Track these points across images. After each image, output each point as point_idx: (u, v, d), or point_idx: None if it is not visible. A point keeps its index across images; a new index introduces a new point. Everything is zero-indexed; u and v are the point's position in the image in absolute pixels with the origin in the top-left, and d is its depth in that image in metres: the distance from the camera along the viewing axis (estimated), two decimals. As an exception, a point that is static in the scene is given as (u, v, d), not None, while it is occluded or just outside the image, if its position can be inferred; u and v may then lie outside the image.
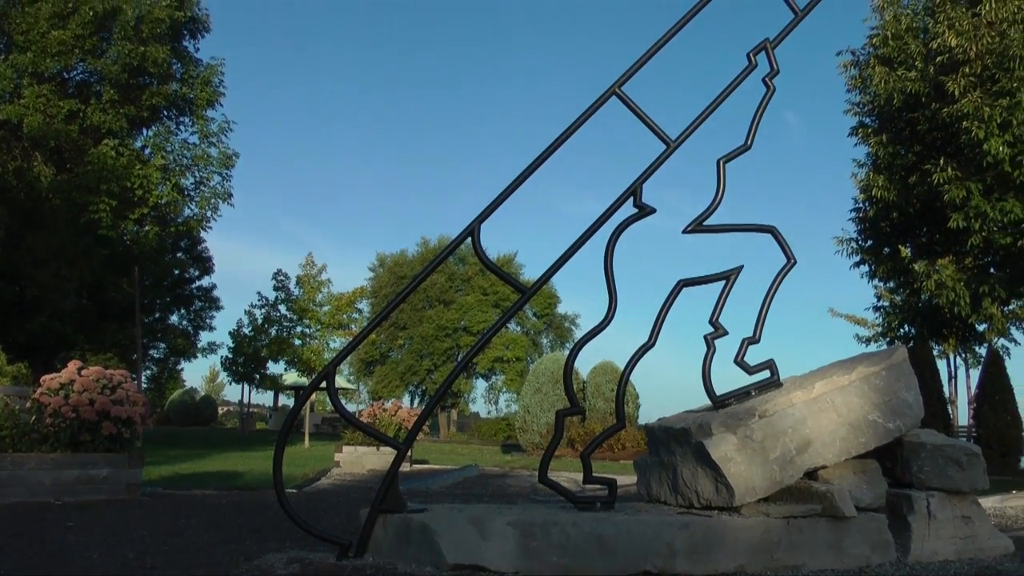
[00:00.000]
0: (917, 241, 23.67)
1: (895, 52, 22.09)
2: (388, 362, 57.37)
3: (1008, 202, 19.24)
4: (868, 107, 23.44)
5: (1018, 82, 18.87)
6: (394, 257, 59.56)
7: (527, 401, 30.35)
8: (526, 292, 5.19)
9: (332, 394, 5.18)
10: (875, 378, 5.79)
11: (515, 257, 58.20)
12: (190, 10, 28.80)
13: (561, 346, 57.38)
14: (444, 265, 50.84)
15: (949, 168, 19.87)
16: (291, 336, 31.71)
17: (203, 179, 29.75)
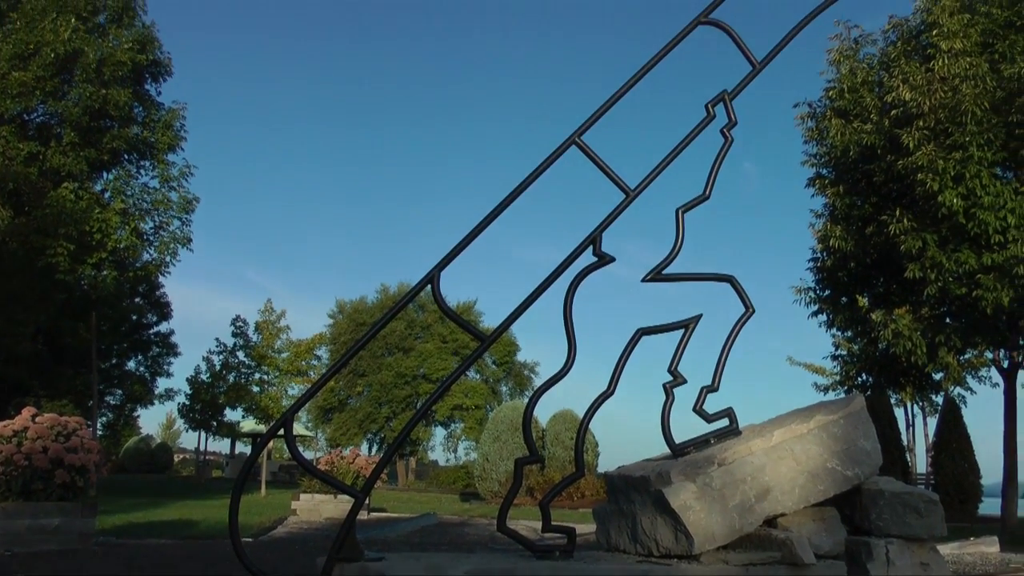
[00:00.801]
0: (874, 291, 23.92)
1: (851, 105, 22.46)
2: (347, 409, 57.00)
3: (963, 253, 19.52)
4: (825, 158, 23.75)
5: (970, 136, 19.23)
6: (353, 304, 59.43)
7: (486, 449, 30.26)
8: (485, 340, 5.18)
9: (290, 441, 5.13)
10: (833, 426, 5.82)
11: (475, 305, 58.31)
12: (152, 53, 28.80)
13: (520, 394, 57.34)
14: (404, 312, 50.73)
15: (905, 219, 20.14)
16: (249, 383, 31.49)
17: (163, 223, 29.62)
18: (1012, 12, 20.94)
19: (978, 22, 20.78)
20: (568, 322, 5.01)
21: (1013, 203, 19.19)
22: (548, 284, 4.96)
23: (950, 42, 20.04)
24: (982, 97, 19.39)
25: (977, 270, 19.34)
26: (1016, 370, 23.21)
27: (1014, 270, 18.67)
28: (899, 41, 22.62)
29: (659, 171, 5.18)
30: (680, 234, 5.28)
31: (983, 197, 19.21)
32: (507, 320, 5.16)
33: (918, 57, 21.48)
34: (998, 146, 19.68)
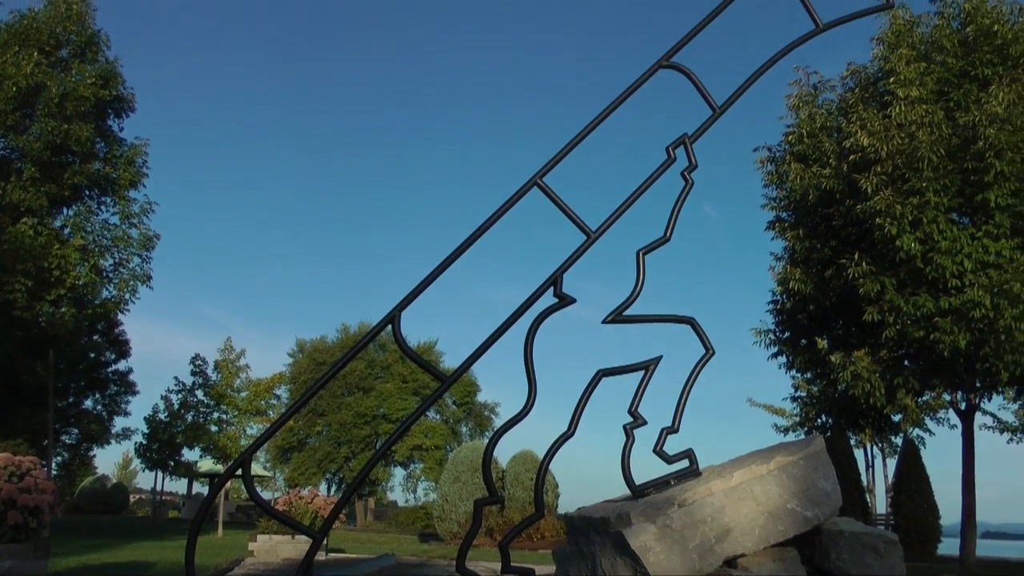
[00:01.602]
0: (833, 333, 24.12)
1: (810, 149, 22.76)
2: (305, 449, 56.51)
3: (921, 297, 19.76)
4: (785, 202, 24.02)
5: (927, 182, 19.54)
6: (314, 343, 59.14)
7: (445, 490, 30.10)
8: (445, 381, 5.17)
9: (247, 481, 5.08)
10: (793, 467, 5.84)
11: (435, 345, 58.21)
12: (115, 89, 28.66)
13: (480, 434, 57.19)
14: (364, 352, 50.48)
15: (864, 263, 20.38)
16: (207, 422, 31.13)
17: (123, 260, 29.36)
18: (966, 62, 21.41)
19: (934, 71, 21.21)
20: (528, 363, 5.01)
21: (970, 248, 19.48)
22: (509, 325, 4.97)
23: (907, 90, 20.41)
24: (938, 144, 19.73)
25: (935, 313, 19.57)
26: (973, 412, 23.45)
27: (971, 314, 18.91)
28: (857, 88, 23.02)
29: (620, 213, 5.22)
30: (641, 276, 5.31)
31: (940, 242, 19.49)
32: (467, 361, 5.15)
33: (876, 104, 21.85)
34: (954, 192, 20.01)
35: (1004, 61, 21.05)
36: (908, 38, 22.11)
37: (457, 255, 4.99)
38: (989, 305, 18.74)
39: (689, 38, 5.60)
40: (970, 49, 21.64)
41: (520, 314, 5.00)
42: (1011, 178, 19.41)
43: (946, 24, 22.36)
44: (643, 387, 5.55)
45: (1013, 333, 18.64)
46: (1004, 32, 21.13)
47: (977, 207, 20.23)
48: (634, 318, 5.38)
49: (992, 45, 21.26)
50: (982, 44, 21.39)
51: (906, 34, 22.21)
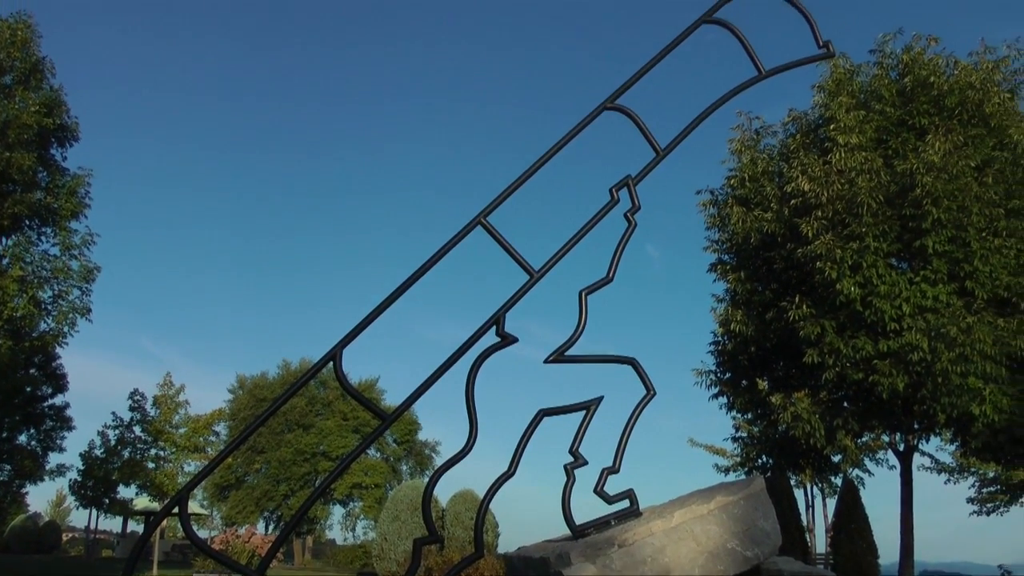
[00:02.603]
0: (774, 374, 24.30)
1: (752, 193, 23.05)
2: (244, 487, 55.77)
3: (860, 340, 20.02)
4: (727, 244, 24.26)
5: (867, 227, 19.88)
6: (254, 379, 58.61)
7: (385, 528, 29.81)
8: (386, 419, 5.15)
9: (184, 520, 5.01)
10: (734, 507, 5.88)
11: (377, 382, 58.01)
12: (59, 117, 28.25)
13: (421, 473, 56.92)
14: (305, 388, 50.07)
15: (804, 306, 20.61)
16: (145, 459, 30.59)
17: (62, 292, 28.82)
18: (904, 111, 21.90)
19: (873, 119, 21.64)
20: (470, 402, 5.00)
21: (908, 292, 19.81)
22: (451, 364, 4.97)
23: (847, 137, 20.78)
24: (877, 190, 20.09)
25: (873, 356, 19.83)
26: (911, 453, 23.73)
27: (909, 357, 19.20)
28: (798, 134, 23.40)
29: (563, 253, 5.25)
30: (583, 316, 5.33)
31: (879, 286, 19.80)
32: (408, 399, 5.14)
33: (816, 150, 22.21)
34: (893, 237, 20.36)
35: (940, 112, 21.55)
36: (848, 87, 22.56)
37: (400, 293, 4.99)
38: (927, 349, 19.04)
39: (634, 81, 5.67)
40: (908, 99, 22.14)
41: (462, 353, 5.00)
42: (948, 225, 19.80)
43: (885, 74, 22.87)
44: (584, 427, 5.56)
45: (950, 376, 18.94)
46: (940, 84, 21.65)
47: (915, 253, 20.59)
48: (576, 358, 5.40)
49: (929, 96, 21.77)
50: (919, 95, 21.89)
51: (846, 83, 22.66)
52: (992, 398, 19.20)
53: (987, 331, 18.97)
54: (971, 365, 18.91)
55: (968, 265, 19.98)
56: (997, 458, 23.27)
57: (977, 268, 19.90)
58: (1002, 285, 19.98)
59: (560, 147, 5.38)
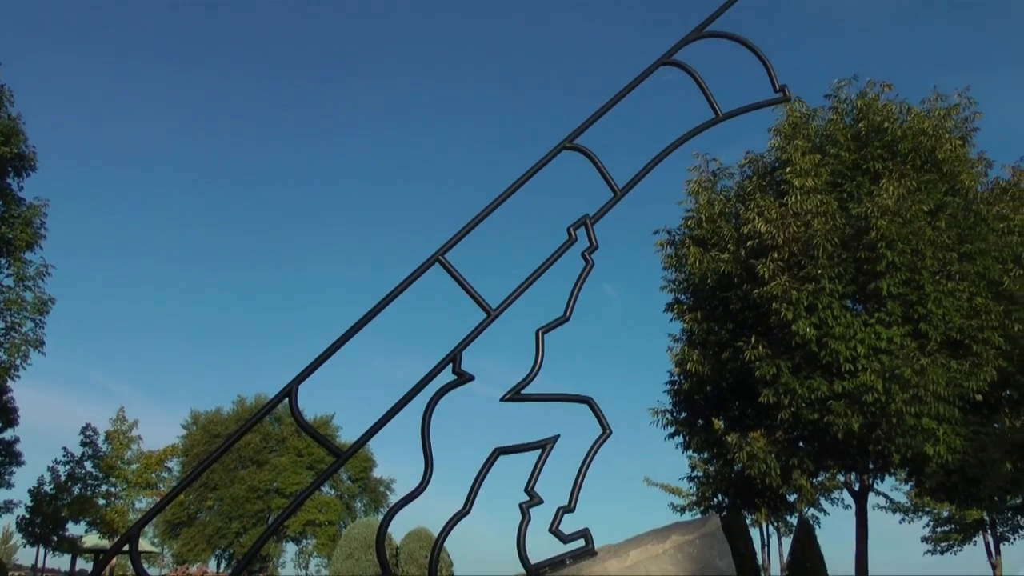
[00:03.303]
0: (730, 414, 24.40)
1: (709, 234, 23.24)
2: (196, 524, 55.04)
3: (815, 380, 20.17)
4: (683, 284, 24.41)
5: (822, 269, 20.10)
6: (209, 415, 58.08)
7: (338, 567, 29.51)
8: (341, 456, 5.11)
9: (134, 557, 4.92)
10: (689, 546, 5.87)
11: (332, 419, 57.73)
12: (17, 147, 27.95)
13: (375, 510, 56.54)
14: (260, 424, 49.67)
15: (760, 346, 20.75)
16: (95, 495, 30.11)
17: (15, 324, 28.43)
18: (859, 156, 22.24)
19: (828, 163, 21.94)
20: (425, 439, 4.98)
21: (863, 334, 20.02)
22: (406, 401, 4.94)
23: (803, 180, 21.05)
24: (832, 233, 20.34)
25: (829, 396, 19.98)
26: (866, 492, 23.89)
27: (863, 397, 19.38)
28: (755, 176, 23.68)
29: (520, 292, 5.25)
30: (540, 354, 5.33)
31: (834, 327, 19.99)
32: (363, 437, 5.10)
33: (773, 192, 22.47)
34: (848, 280, 20.60)
35: (894, 156, 21.91)
36: (804, 130, 22.89)
37: (356, 329, 4.96)
38: (881, 389, 19.24)
39: (592, 120, 5.70)
40: (862, 144, 22.48)
41: (418, 390, 4.97)
42: (902, 268, 20.08)
43: (840, 119, 23.22)
44: (540, 466, 5.54)
45: (904, 417, 19.15)
46: (894, 130, 22.03)
47: (870, 295, 20.84)
48: (532, 396, 5.39)
49: (883, 141, 22.13)
50: (873, 140, 22.25)
51: (802, 127, 22.99)
52: (946, 438, 19.43)
53: (940, 373, 19.23)
54: (925, 406, 19.14)
55: (922, 308, 20.24)
56: (951, 498, 23.48)
57: (931, 311, 20.16)
58: (955, 327, 20.26)
59: (518, 186, 5.40)
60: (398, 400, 4.95)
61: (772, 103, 6.06)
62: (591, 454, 5.72)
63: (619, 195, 5.69)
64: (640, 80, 5.76)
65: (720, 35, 5.78)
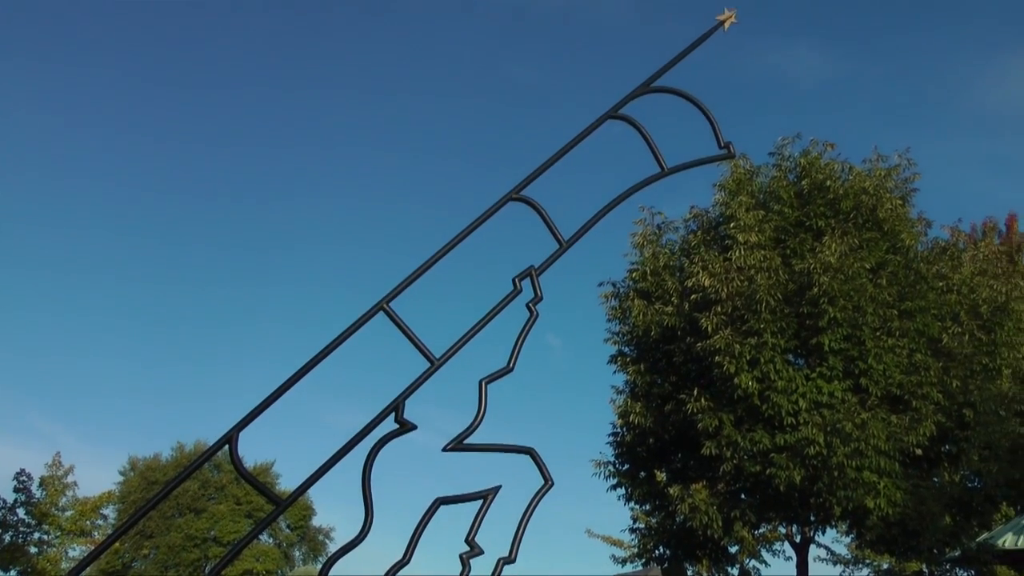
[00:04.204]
0: (672, 466, 24.41)
1: (653, 287, 23.37)
2: (131, 573, 53.94)
3: (757, 433, 20.33)
4: (627, 337, 24.44)
5: (765, 324, 20.33)
6: (147, 461, 57.14)
7: (279, 618, 29.03)
8: (280, 504, 5.05)
9: (63, 608, 4.81)
10: (627, 601, 5.85)
11: (272, 466, 57.03)
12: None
13: (314, 559, 55.81)
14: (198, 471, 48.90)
15: (703, 399, 20.86)
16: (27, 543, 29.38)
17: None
18: (802, 213, 22.60)
19: (772, 219, 22.25)
20: (366, 488, 4.93)
21: (804, 388, 20.25)
22: (347, 450, 4.90)
23: (746, 235, 21.31)
24: (775, 288, 20.60)
25: (770, 449, 20.14)
26: (808, 544, 24.01)
27: (805, 451, 19.58)
28: (699, 230, 23.91)
29: (464, 342, 5.25)
30: (483, 405, 5.32)
31: (776, 381, 20.21)
32: (303, 485, 5.05)
33: (717, 247, 22.72)
34: (790, 334, 20.86)
35: (836, 214, 22.26)
36: (748, 187, 23.18)
37: (299, 376, 4.92)
38: (822, 443, 19.46)
39: (539, 172, 5.74)
40: (805, 201, 22.83)
41: (360, 439, 4.94)
42: (843, 324, 20.38)
43: (783, 176, 23.56)
44: (481, 516, 5.51)
45: (845, 470, 19.38)
46: (836, 188, 22.42)
47: (812, 349, 21.09)
48: (475, 447, 5.37)
49: (825, 199, 22.50)
50: (816, 197, 22.61)
51: (746, 183, 23.28)
52: (886, 492, 19.69)
53: (881, 427, 19.51)
54: (866, 459, 19.39)
55: (863, 363, 20.54)
56: (891, 550, 23.69)
57: (871, 366, 20.47)
58: (895, 383, 20.58)
59: (464, 235, 5.42)
60: (339, 448, 4.91)
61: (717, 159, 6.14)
62: (533, 505, 5.70)
63: (565, 247, 5.72)
64: (587, 133, 5.82)
65: (667, 90, 5.85)
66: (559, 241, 5.78)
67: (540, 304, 5.57)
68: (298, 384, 4.91)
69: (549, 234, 5.73)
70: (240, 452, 4.96)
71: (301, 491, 5.16)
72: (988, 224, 32.04)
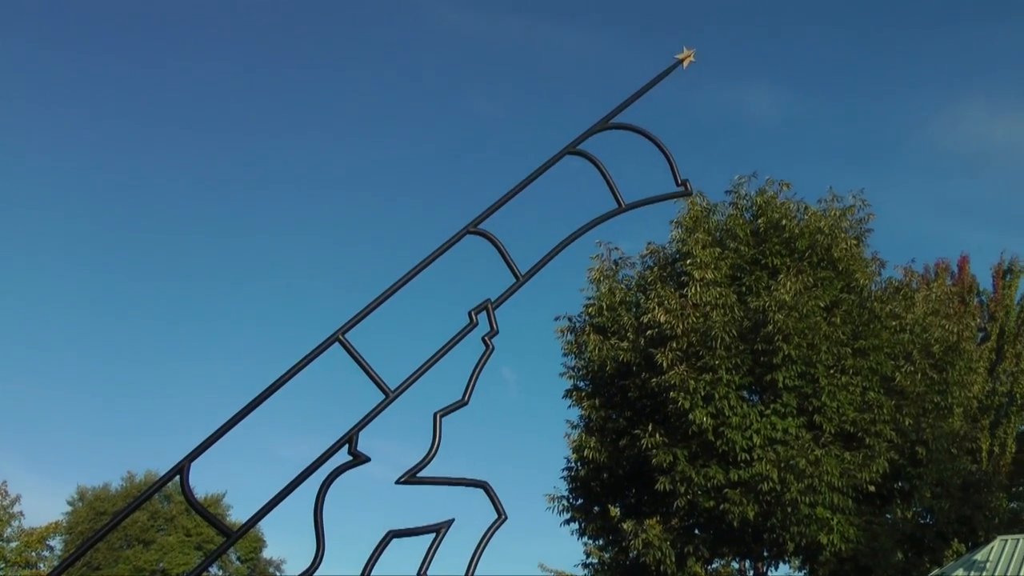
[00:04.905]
0: (626, 501, 24.38)
1: (609, 322, 23.43)
2: (78, 607, 52.90)
3: (711, 468, 20.42)
4: (583, 371, 24.42)
5: (720, 360, 20.47)
6: (96, 491, 56.15)
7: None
8: (231, 536, 5.00)
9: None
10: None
11: (224, 497, 56.29)
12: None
13: (268, 591, 55.04)
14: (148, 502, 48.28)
15: (657, 434, 20.91)
16: (-32, 576, 28.80)
17: None
18: (758, 251, 22.80)
19: (728, 256, 22.44)
20: (318, 520, 4.89)
21: (758, 424, 20.40)
22: (300, 481, 4.86)
23: (702, 272, 21.48)
24: (731, 325, 20.77)
25: (724, 485, 20.23)
26: (761, 579, 24.06)
27: (759, 486, 19.69)
28: (656, 266, 24.05)
29: (420, 374, 5.24)
30: (437, 438, 5.31)
31: (731, 417, 20.34)
32: (255, 516, 5.00)
33: (673, 283, 22.85)
34: (745, 371, 21.02)
35: (791, 253, 22.51)
36: (705, 224, 23.35)
37: (253, 407, 4.88)
38: (776, 479, 19.58)
39: (497, 206, 5.76)
40: (761, 239, 23.06)
41: (312, 471, 4.90)
42: (798, 361, 20.56)
43: (740, 214, 23.78)
44: (433, 550, 5.48)
45: (798, 506, 19.52)
46: (792, 227, 22.67)
47: (766, 386, 21.25)
48: (428, 480, 5.34)
49: (781, 238, 22.74)
50: (772, 236, 22.84)
51: (703, 220, 23.46)
52: (839, 528, 19.86)
53: (834, 464, 19.69)
54: (819, 496, 19.54)
55: (816, 400, 20.74)
56: (844, 585, 23.79)
57: (825, 403, 20.67)
58: (848, 420, 20.79)
59: (421, 268, 5.42)
60: (291, 480, 4.88)
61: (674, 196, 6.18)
62: (485, 539, 5.68)
63: (521, 281, 5.73)
64: (546, 168, 5.85)
65: (625, 127, 5.89)
66: (516, 275, 5.79)
67: (496, 338, 5.58)
68: (251, 415, 4.87)
69: (506, 268, 5.74)
70: (191, 483, 4.90)
71: (252, 523, 5.11)
72: (941, 265, 32.49)
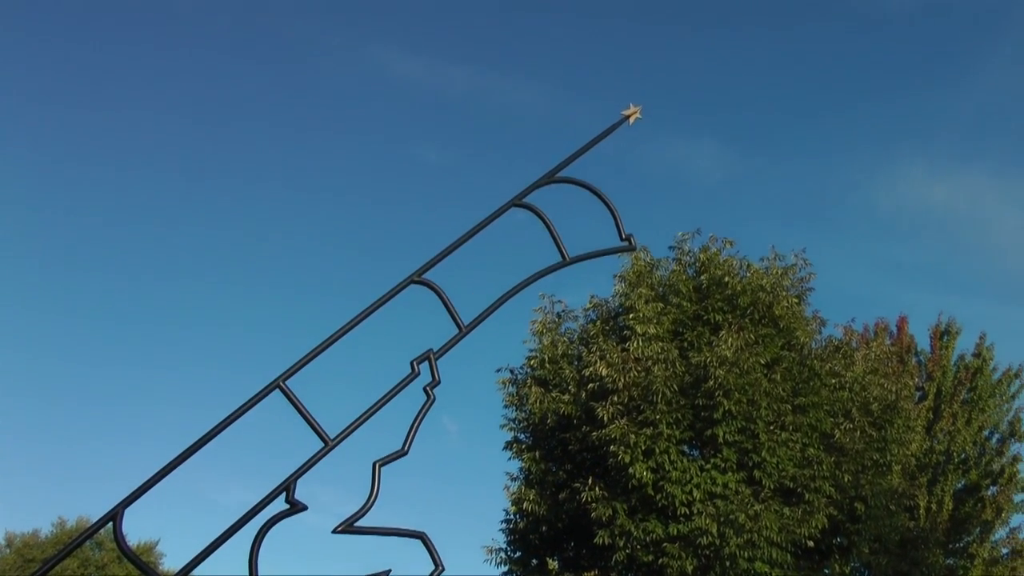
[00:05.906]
0: (565, 554, 24.22)
1: (551, 375, 23.42)
2: (2, 659, 51.34)
3: (651, 522, 20.39)
4: (523, 424, 24.30)
5: (661, 415, 20.53)
6: (24, 537, 54.69)
7: None
8: (164, 584, 4.91)
9: None
10: None
11: (157, 544, 55.04)
12: None
13: (196, 643, 53.85)
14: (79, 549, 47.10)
15: (597, 488, 20.85)
16: None
17: None
18: (700, 307, 22.98)
19: (670, 311, 22.59)
20: (253, 568, 4.84)
21: (699, 479, 20.44)
22: (236, 529, 4.81)
23: (645, 326, 21.59)
24: (672, 380, 20.85)
25: (663, 539, 20.20)
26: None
27: (698, 540, 19.68)
28: (598, 320, 24.12)
29: (360, 423, 5.22)
30: (375, 487, 5.28)
31: (671, 471, 20.36)
32: (189, 565, 4.92)
33: (615, 337, 22.93)
34: (686, 425, 21.09)
35: (733, 310, 22.71)
36: (648, 279, 23.48)
37: (190, 454, 4.83)
38: (716, 533, 19.60)
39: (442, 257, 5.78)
40: (703, 295, 23.24)
41: (249, 518, 4.85)
42: (738, 417, 20.68)
43: (683, 270, 23.98)
44: (370, 601, 5.42)
45: (737, 560, 19.53)
46: (734, 284, 22.88)
47: (707, 441, 21.34)
48: (366, 529, 5.31)
49: (723, 294, 22.93)
50: (714, 292, 23.04)
51: (646, 275, 23.59)
52: (777, 582, 19.89)
53: (774, 519, 19.75)
54: (758, 550, 19.57)
55: (756, 455, 20.83)
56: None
57: (765, 459, 20.77)
58: (788, 476, 20.90)
59: (364, 316, 5.42)
60: (227, 528, 4.82)
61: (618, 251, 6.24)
62: (423, 591, 5.64)
63: (464, 331, 5.75)
64: (491, 219, 5.89)
65: (571, 181, 5.95)
66: (459, 326, 5.81)
67: (437, 388, 5.58)
68: (188, 461, 4.82)
69: (449, 318, 5.76)
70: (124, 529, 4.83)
71: (187, 571, 5.03)
72: (880, 325, 32.95)
